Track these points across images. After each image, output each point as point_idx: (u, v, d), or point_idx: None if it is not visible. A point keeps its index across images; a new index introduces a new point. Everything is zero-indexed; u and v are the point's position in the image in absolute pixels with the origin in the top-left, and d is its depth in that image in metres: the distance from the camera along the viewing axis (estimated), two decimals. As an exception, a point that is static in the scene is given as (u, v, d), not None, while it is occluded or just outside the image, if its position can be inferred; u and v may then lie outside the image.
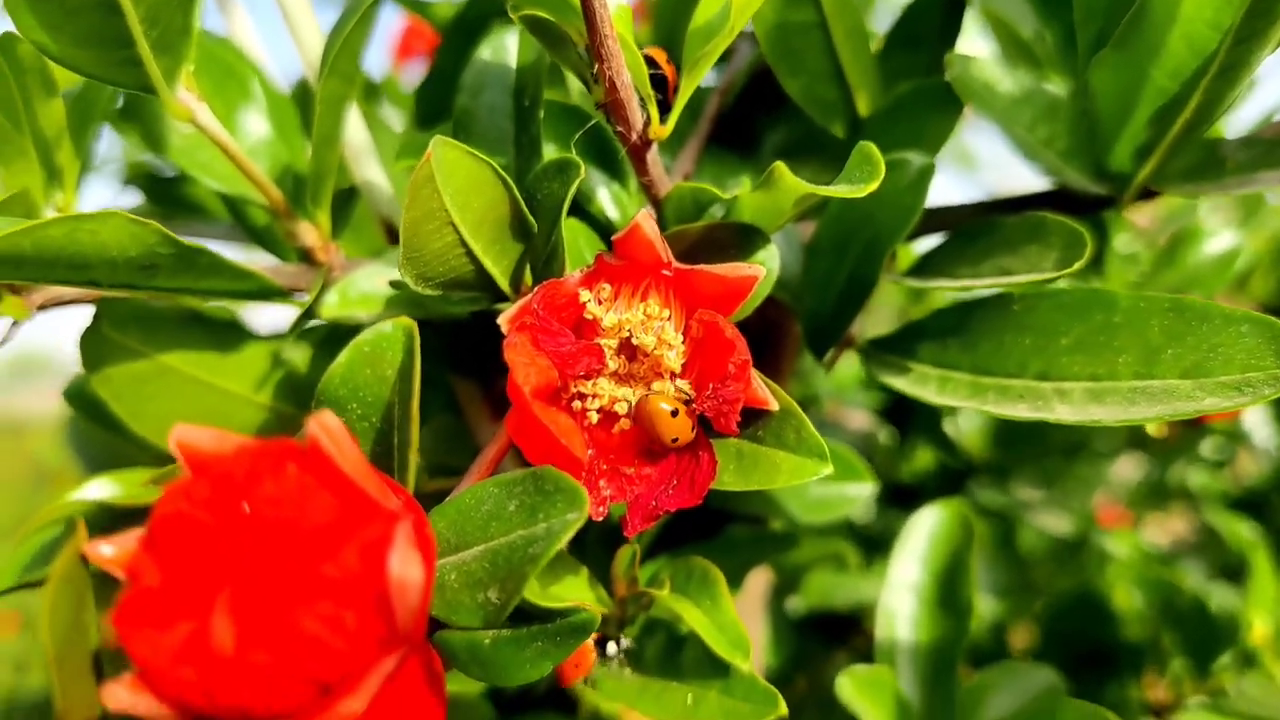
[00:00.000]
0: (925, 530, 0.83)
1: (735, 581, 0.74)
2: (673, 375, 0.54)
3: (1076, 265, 0.56)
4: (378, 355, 0.46)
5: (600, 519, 0.53)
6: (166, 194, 0.91)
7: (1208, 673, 1.04)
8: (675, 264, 0.54)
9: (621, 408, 0.54)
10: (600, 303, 0.54)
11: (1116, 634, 1.09)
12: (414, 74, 1.79)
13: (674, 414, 0.54)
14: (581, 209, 0.65)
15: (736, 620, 0.58)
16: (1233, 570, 1.21)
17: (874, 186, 0.49)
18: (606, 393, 0.54)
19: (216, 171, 0.68)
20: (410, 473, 0.46)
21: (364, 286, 0.65)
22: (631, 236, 0.52)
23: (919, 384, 0.64)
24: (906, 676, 0.79)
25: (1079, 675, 1.09)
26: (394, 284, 0.63)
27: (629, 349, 0.55)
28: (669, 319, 0.54)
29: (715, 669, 0.58)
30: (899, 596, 0.82)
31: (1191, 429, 1.66)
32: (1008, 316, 0.62)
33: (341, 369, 0.46)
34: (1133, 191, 0.67)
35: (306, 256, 0.71)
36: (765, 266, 0.58)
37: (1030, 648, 1.16)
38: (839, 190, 0.50)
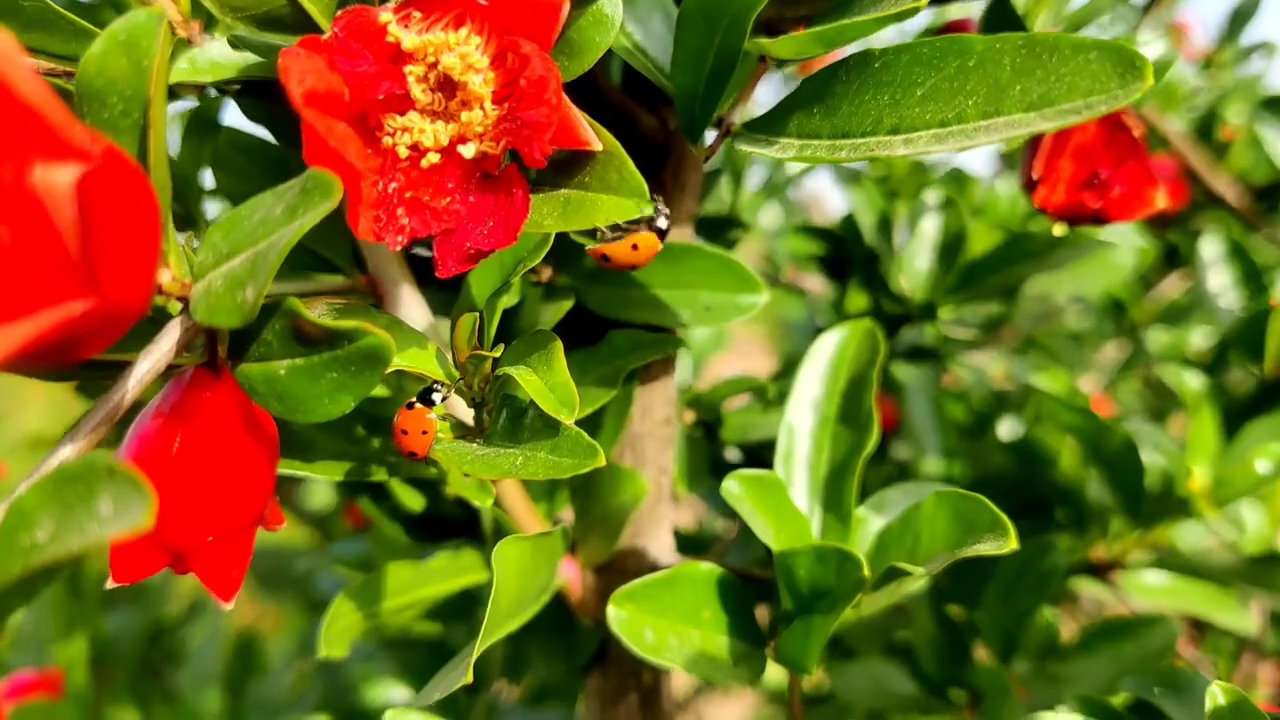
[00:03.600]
0: (830, 346, 0.81)
1: (614, 382, 0.72)
2: (482, 104, 0.51)
3: (922, 1, 0.53)
4: (133, 44, 0.44)
5: (398, 248, 0.51)
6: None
7: (1146, 525, 1.01)
8: (488, -11, 0.51)
9: (428, 140, 0.52)
10: (407, 28, 0.51)
11: (1056, 485, 1.06)
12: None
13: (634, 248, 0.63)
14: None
15: (567, 381, 0.56)
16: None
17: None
18: (416, 125, 0.52)
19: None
20: (159, 166, 0.44)
21: (215, 55, 0.63)
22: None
23: (782, 152, 0.61)
24: (801, 487, 0.77)
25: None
26: (232, 40, 0.61)
27: (445, 86, 0.52)
28: (477, 46, 0.51)
29: (549, 431, 0.57)
30: (800, 412, 0.80)
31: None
32: (868, 75, 0.59)
33: (96, 57, 0.44)
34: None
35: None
36: (607, 11, 0.55)
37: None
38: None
